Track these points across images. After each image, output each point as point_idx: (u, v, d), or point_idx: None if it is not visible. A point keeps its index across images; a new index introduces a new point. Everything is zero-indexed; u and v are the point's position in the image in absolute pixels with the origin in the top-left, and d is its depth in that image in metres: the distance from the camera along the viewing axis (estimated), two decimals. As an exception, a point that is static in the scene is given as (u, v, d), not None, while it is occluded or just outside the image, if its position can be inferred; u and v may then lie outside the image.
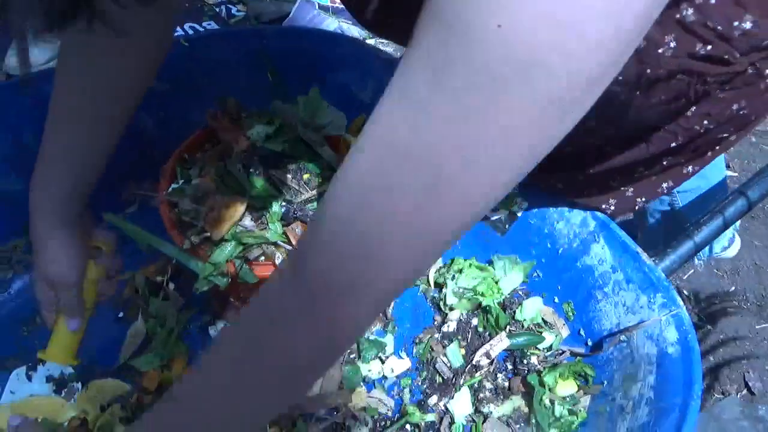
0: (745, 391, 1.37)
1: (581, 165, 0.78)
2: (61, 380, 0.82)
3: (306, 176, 0.83)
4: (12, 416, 0.73)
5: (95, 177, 0.78)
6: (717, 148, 0.73)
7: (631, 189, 0.80)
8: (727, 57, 0.58)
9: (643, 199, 0.80)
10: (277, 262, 0.74)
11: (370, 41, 1.96)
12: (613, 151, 0.74)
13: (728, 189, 1.19)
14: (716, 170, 1.13)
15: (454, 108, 0.34)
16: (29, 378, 0.82)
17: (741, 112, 0.65)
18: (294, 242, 0.75)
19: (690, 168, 0.76)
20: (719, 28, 0.56)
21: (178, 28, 1.73)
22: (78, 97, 0.74)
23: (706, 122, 0.66)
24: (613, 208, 0.83)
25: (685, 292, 1.57)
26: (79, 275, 0.79)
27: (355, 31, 1.91)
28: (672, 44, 0.58)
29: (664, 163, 0.74)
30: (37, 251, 0.77)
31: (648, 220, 1.22)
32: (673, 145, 0.70)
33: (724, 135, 0.70)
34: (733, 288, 1.59)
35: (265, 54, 1.03)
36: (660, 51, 0.58)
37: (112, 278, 0.85)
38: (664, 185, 0.78)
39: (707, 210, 0.84)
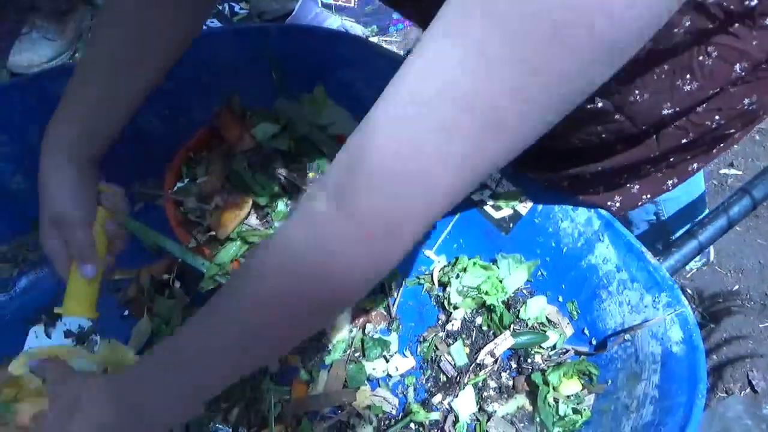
0: (748, 390, 1.37)
1: (590, 161, 0.78)
2: (81, 334, 0.74)
3: (311, 174, 0.83)
4: (31, 361, 0.69)
5: (114, 131, 0.73)
6: (722, 144, 0.73)
7: (637, 186, 0.80)
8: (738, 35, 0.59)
9: (648, 196, 0.80)
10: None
11: (374, 39, 1.96)
12: (623, 148, 0.74)
13: (706, 203, 1.21)
14: (696, 183, 1.14)
15: (513, 52, 0.36)
16: (48, 335, 0.75)
17: (750, 107, 0.65)
18: None
19: (695, 165, 0.76)
20: (732, 7, 0.56)
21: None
22: (116, 42, 0.70)
23: (717, 117, 0.66)
24: (618, 205, 0.83)
25: (689, 290, 1.57)
26: (86, 213, 0.72)
27: (358, 29, 1.91)
28: (687, 23, 0.58)
29: (671, 159, 0.74)
30: (42, 189, 0.70)
31: (633, 231, 1.23)
32: (684, 141, 0.70)
33: (731, 131, 0.70)
34: (737, 287, 1.59)
35: (269, 52, 1.03)
36: (675, 30, 0.58)
37: (120, 224, 0.79)
38: (670, 182, 0.78)
39: (693, 220, 0.84)
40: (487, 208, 0.95)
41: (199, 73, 0.99)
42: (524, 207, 0.92)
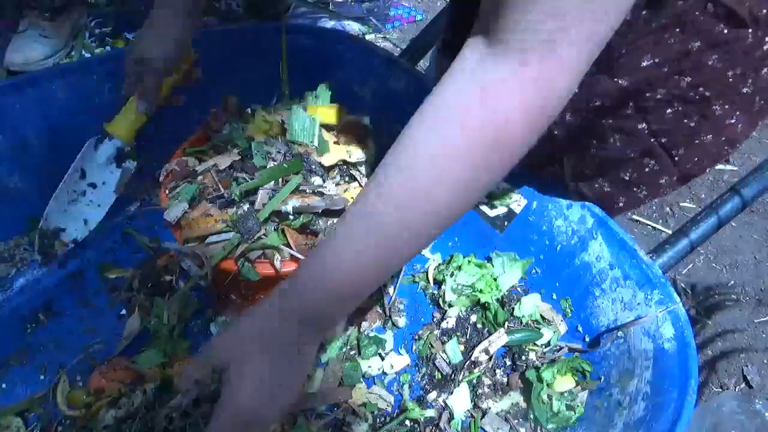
0: (743, 385, 1.38)
1: (615, 169, 0.81)
2: (120, 155, 0.93)
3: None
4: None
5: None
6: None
7: (645, 190, 0.82)
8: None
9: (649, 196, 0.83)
10: (276, 263, 0.75)
11: (370, 36, 1.96)
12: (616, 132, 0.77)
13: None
14: None
15: None
16: (96, 148, 0.92)
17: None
18: (293, 244, 0.76)
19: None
20: None
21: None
22: None
23: (689, 79, 0.69)
24: (621, 204, 0.85)
25: (684, 285, 1.58)
26: (170, 64, 0.88)
27: (355, 26, 1.91)
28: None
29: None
30: (146, 28, 0.85)
31: None
32: (669, 113, 0.72)
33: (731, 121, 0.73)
34: (732, 282, 1.60)
35: (275, 51, 1.04)
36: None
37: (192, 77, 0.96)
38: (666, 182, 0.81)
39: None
40: (482, 207, 0.96)
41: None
42: (518, 205, 0.92)
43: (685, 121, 0.73)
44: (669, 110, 0.72)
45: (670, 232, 1.69)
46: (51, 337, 0.86)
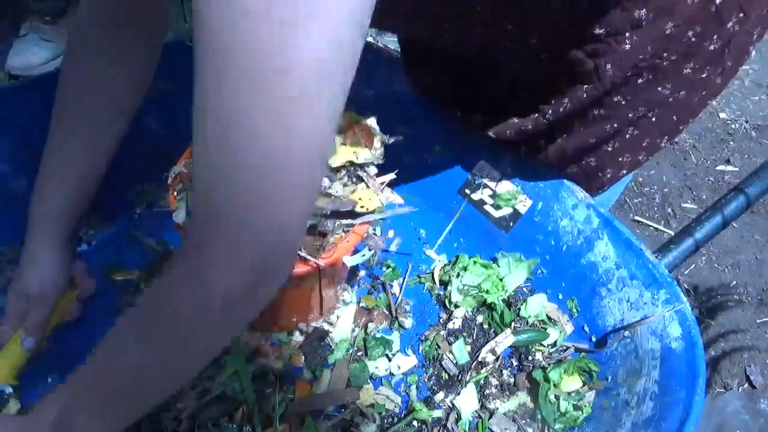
0: (746, 385, 1.39)
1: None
2: (1, 400, 0.80)
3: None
4: None
5: (93, 190, 0.82)
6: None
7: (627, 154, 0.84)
8: None
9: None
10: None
11: (369, 38, 1.96)
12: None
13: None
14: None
15: None
16: None
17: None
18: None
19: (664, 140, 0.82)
20: None
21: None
22: (74, 107, 0.78)
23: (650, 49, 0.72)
24: (608, 175, 0.87)
25: (686, 286, 1.59)
26: (57, 297, 0.81)
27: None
28: None
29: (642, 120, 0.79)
30: (26, 264, 0.79)
31: None
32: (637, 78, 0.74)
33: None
34: (734, 282, 1.61)
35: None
36: None
37: (81, 301, 0.88)
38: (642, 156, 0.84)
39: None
40: (487, 207, 0.96)
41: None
42: (524, 206, 0.93)
43: (659, 88, 0.75)
44: (640, 81, 0.74)
45: (671, 233, 1.70)
46: (59, 339, 0.86)
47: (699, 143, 1.99)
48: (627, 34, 0.69)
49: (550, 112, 0.80)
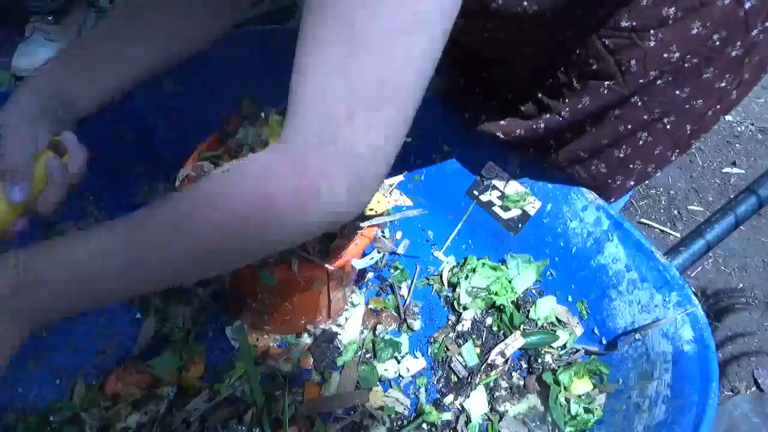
0: (754, 388, 1.38)
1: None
2: None
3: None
4: None
5: (92, 104, 0.73)
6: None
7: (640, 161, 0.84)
8: None
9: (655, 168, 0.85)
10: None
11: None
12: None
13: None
14: None
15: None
16: None
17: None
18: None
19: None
20: None
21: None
22: (121, 16, 0.76)
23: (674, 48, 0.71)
24: (632, 182, 0.86)
25: (693, 289, 1.58)
26: (30, 135, 0.65)
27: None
28: None
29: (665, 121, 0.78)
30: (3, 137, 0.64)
31: None
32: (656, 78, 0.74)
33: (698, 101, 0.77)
34: (741, 285, 1.60)
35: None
36: None
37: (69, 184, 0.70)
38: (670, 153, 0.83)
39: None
40: (496, 209, 0.96)
41: (207, 75, 0.99)
42: (533, 208, 0.92)
43: (677, 91, 0.75)
44: (660, 82, 0.74)
45: (678, 235, 1.69)
46: (66, 340, 0.86)
47: (705, 145, 1.98)
48: (652, 31, 0.69)
49: (567, 110, 0.79)
